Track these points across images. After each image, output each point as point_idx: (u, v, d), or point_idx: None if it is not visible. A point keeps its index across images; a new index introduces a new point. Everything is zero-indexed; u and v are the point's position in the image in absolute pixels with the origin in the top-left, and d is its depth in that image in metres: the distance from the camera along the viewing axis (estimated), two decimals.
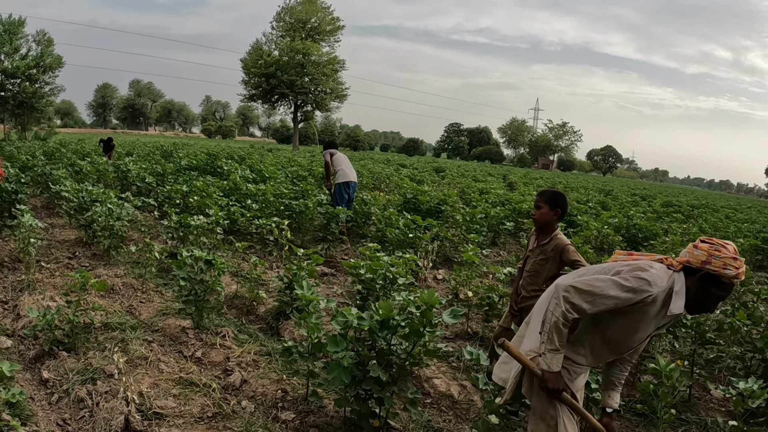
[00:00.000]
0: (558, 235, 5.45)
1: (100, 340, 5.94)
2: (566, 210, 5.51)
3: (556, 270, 5.50)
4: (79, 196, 10.62)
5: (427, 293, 4.30)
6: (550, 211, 5.35)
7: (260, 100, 76.09)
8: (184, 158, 23.55)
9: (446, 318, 4.37)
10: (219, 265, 6.40)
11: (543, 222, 5.43)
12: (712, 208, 34.14)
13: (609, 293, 3.32)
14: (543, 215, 5.38)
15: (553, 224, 5.44)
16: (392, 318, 4.31)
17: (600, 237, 13.77)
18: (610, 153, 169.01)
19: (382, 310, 4.31)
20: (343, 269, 10.14)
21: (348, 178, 12.41)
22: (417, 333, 4.31)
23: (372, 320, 4.34)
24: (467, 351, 4.54)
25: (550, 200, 5.37)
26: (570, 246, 5.39)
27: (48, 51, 48.74)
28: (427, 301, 4.29)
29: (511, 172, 59.59)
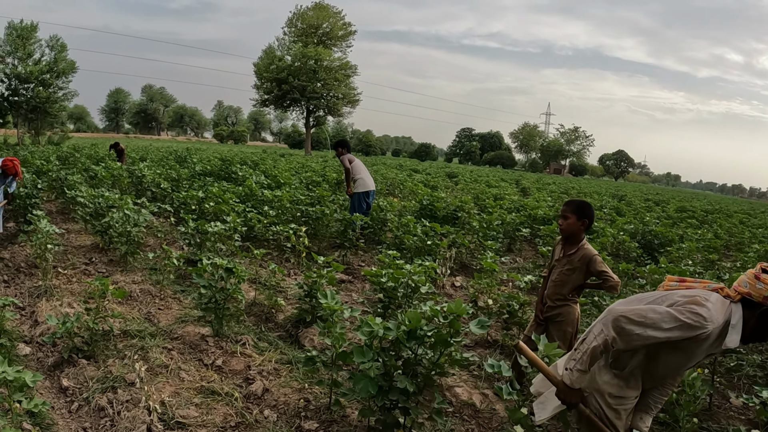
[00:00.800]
0: (585, 245, 5.42)
1: (119, 348, 5.89)
2: (593, 220, 5.46)
3: (583, 280, 5.47)
4: (95, 202, 10.60)
5: (454, 303, 4.26)
6: (577, 221, 5.32)
7: (273, 105, 76.22)
8: (198, 163, 23.55)
9: (473, 328, 4.29)
10: (240, 273, 6.33)
11: (570, 232, 5.41)
12: (725, 213, 33.95)
13: (662, 326, 3.21)
14: (570, 225, 5.37)
15: (580, 234, 5.41)
16: (420, 328, 4.24)
17: (616, 243, 13.63)
18: (622, 157, 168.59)
19: (411, 320, 4.24)
20: (360, 276, 10.07)
21: (368, 188, 12.38)
22: (445, 343, 4.24)
23: (399, 330, 4.27)
24: (488, 364, 4.44)
25: (577, 210, 5.34)
26: (597, 257, 5.35)
27: (61, 56, 49.13)
28: (454, 310, 4.24)
29: (523, 177, 59.38)
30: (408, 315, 4.24)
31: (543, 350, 4.35)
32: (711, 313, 3.18)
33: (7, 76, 47.28)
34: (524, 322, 7.13)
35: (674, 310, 3.22)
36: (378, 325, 4.37)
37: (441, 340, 4.24)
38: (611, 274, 5.26)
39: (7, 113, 48.59)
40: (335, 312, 4.95)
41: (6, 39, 47.41)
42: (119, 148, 23.63)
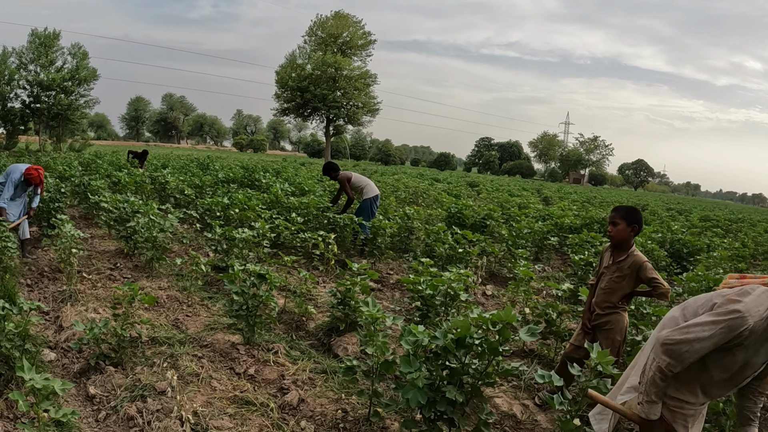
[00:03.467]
0: (635, 251, 5.36)
1: (147, 355, 5.69)
2: (642, 226, 5.36)
3: (632, 287, 5.40)
4: (119, 207, 10.45)
5: (504, 310, 4.07)
6: (627, 227, 5.26)
7: (293, 114, 76.16)
8: (221, 170, 23.45)
9: (523, 336, 4.09)
10: (272, 280, 6.13)
11: (620, 238, 5.33)
12: (749, 222, 33.55)
13: (704, 335, 3.14)
14: (620, 232, 5.29)
15: (629, 240, 5.34)
16: (470, 336, 4.03)
17: (644, 252, 13.34)
18: (642, 167, 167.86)
19: (459, 329, 4.03)
20: (389, 284, 9.90)
21: (376, 192, 12.24)
22: (494, 351, 4.06)
23: (446, 339, 4.06)
24: (539, 374, 4.23)
25: (627, 216, 5.27)
26: (647, 263, 5.26)
27: (83, 64, 49.37)
28: (504, 318, 4.06)
29: (544, 186, 59.15)
30: (456, 323, 4.06)
31: (596, 358, 4.21)
32: (747, 306, 3.10)
33: (30, 83, 47.48)
34: (562, 331, 6.90)
35: (711, 315, 3.17)
36: (422, 333, 4.21)
37: (491, 349, 4.04)
38: (662, 281, 5.18)
39: (29, 120, 48.78)
40: (377, 320, 4.72)
41: (29, 46, 47.69)
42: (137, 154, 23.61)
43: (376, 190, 12.30)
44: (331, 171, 12.46)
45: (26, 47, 47.73)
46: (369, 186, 12.17)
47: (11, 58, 47.03)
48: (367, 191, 12.06)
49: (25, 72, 47.68)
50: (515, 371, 4.26)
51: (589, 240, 12.01)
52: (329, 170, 12.53)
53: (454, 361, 4.18)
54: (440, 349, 4.13)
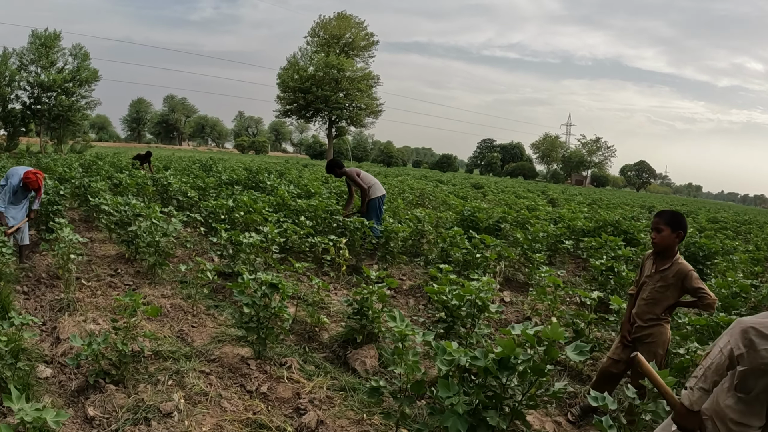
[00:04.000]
0: (679, 259, 5.05)
1: (151, 372, 5.24)
2: (686, 232, 5.08)
3: (677, 297, 5.08)
4: (120, 210, 10.03)
5: (551, 327, 3.66)
6: (671, 233, 4.99)
7: (295, 116, 75.85)
8: (224, 172, 23.04)
9: (571, 355, 3.70)
10: (285, 290, 5.68)
11: (664, 246, 5.05)
12: (757, 224, 33.30)
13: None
14: (664, 238, 5.01)
15: (674, 248, 5.07)
16: (515, 356, 3.60)
17: None
18: (644, 168, 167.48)
19: (503, 348, 3.60)
20: (402, 291, 9.47)
21: (383, 192, 11.73)
22: (540, 373, 3.65)
23: (488, 359, 3.63)
24: (592, 397, 3.81)
25: (672, 222, 5.01)
26: (693, 272, 4.98)
27: (84, 65, 49.01)
28: (551, 335, 3.65)
29: (548, 188, 58.84)
30: (500, 342, 3.63)
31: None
32: None
33: (30, 84, 47.10)
34: (591, 342, 6.48)
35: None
36: (458, 352, 3.77)
37: (537, 370, 3.62)
38: (708, 291, 4.85)
39: (30, 122, 48.41)
40: (406, 337, 4.28)
41: (29, 47, 47.30)
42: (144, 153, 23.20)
43: (382, 189, 11.79)
44: (336, 168, 11.86)
45: (27, 48, 47.32)
46: (376, 185, 11.63)
47: (12, 59, 46.62)
48: (373, 191, 11.54)
49: (25, 73, 47.27)
50: (563, 393, 3.85)
51: (608, 243, 11.56)
52: (333, 167, 11.92)
53: (495, 383, 3.77)
54: (480, 371, 3.71)
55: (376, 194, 11.52)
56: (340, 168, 11.85)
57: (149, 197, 14.95)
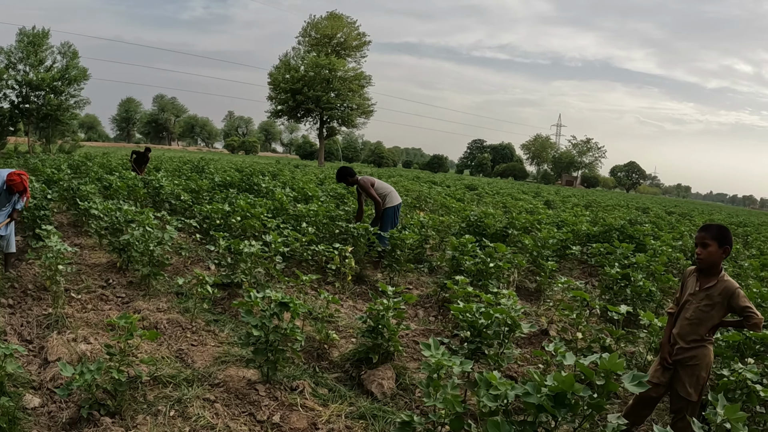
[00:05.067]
0: (725, 276, 4.71)
1: (150, 400, 4.72)
2: (732, 246, 4.77)
3: (722, 317, 4.75)
4: (111, 215, 9.51)
5: (609, 358, 3.32)
6: (718, 248, 4.67)
7: (286, 116, 75.37)
8: (217, 174, 22.53)
9: (629, 386, 3.32)
10: (297, 308, 5.19)
11: (710, 262, 4.72)
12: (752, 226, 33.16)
13: None
14: (711, 254, 4.69)
15: (719, 264, 4.73)
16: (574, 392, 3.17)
17: (669, 262, 12.53)
18: (634, 169, 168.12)
19: (559, 383, 3.17)
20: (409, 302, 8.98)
21: (399, 201, 11.13)
22: (598, 408, 3.31)
23: (541, 395, 3.19)
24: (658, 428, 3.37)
25: (719, 237, 4.69)
26: (740, 290, 4.64)
27: (73, 63, 48.42)
28: (609, 367, 3.31)
29: (541, 189, 58.67)
30: (556, 376, 3.19)
31: (724, 414, 3.39)
32: None
33: (18, 83, 46.44)
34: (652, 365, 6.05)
35: None
36: (504, 384, 3.35)
37: (596, 407, 3.26)
38: (755, 310, 4.56)
39: (18, 121, 47.78)
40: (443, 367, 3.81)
41: (17, 46, 46.64)
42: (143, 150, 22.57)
43: (398, 198, 11.20)
44: (348, 176, 11.19)
45: (15, 46, 46.67)
46: (392, 194, 11.03)
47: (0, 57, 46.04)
48: (390, 199, 10.95)
49: (13, 71, 46.61)
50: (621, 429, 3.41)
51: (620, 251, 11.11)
52: (345, 176, 11.22)
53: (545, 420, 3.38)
54: (531, 407, 3.27)
55: (392, 203, 10.94)
56: (351, 176, 11.21)
57: (141, 201, 14.43)
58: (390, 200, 10.91)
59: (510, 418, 3.40)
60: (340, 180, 11.29)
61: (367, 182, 10.95)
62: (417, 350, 6.61)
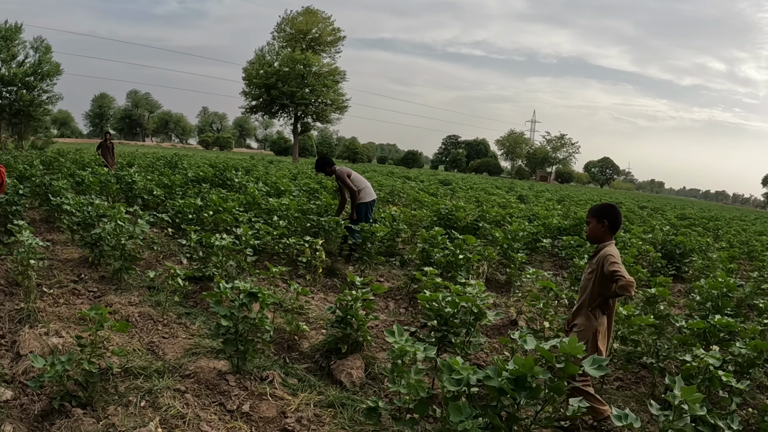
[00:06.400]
0: (605, 245, 5.22)
1: (121, 391, 4.77)
2: (615, 220, 5.28)
3: (600, 284, 5.09)
4: (83, 210, 9.52)
5: (569, 341, 3.42)
6: (597, 223, 5.28)
7: (261, 112, 75.16)
8: (190, 169, 22.48)
9: (590, 370, 3.44)
10: (266, 299, 5.27)
11: (593, 236, 5.36)
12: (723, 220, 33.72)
13: None
14: (592, 229, 5.34)
15: (603, 237, 5.28)
16: (533, 375, 3.29)
17: (639, 255, 12.75)
18: (608, 165, 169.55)
19: (519, 366, 3.28)
20: (382, 294, 9.07)
21: (373, 197, 11.26)
22: (559, 391, 3.42)
23: (502, 378, 3.29)
24: (615, 415, 3.48)
25: (597, 213, 5.32)
26: (611, 255, 5.02)
27: (46, 58, 47.89)
28: (569, 351, 3.40)
29: (515, 184, 59.02)
30: (516, 360, 3.31)
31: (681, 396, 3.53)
32: None
33: None
34: None
35: None
36: (466, 369, 3.46)
37: (556, 389, 3.39)
38: (623, 272, 4.83)
39: None
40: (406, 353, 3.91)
41: None
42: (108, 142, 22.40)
43: (373, 194, 11.31)
44: (326, 166, 11.27)
45: None
46: (367, 189, 11.12)
47: None
48: (364, 195, 11.03)
49: None
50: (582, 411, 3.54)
51: None
52: (323, 165, 11.32)
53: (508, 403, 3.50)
54: (493, 391, 3.37)
55: (365, 199, 11.03)
56: (329, 166, 11.30)
57: (113, 196, 14.40)
58: (364, 195, 10.99)
59: (473, 403, 3.50)
60: (319, 169, 11.37)
61: (344, 173, 11.05)
62: (387, 341, 6.70)
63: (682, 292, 12.08)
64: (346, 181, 10.96)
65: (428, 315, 5.71)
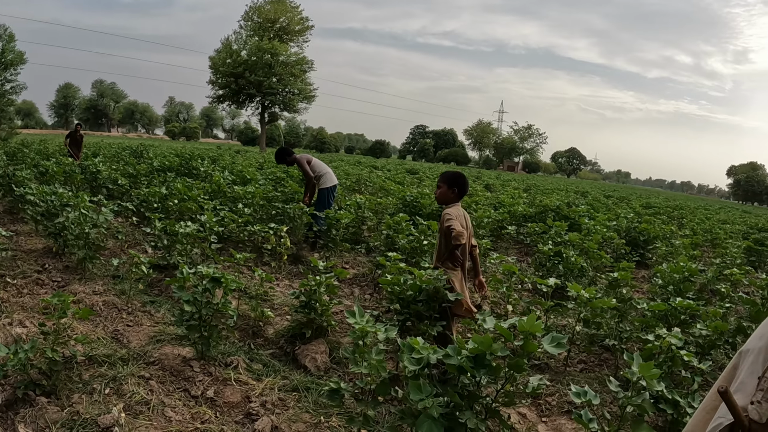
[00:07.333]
0: (449, 207, 5.84)
1: (85, 379, 4.75)
2: (464, 188, 5.93)
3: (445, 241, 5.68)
4: (47, 200, 9.44)
5: (527, 319, 3.47)
6: (448, 189, 5.88)
7: (228, 101, 74.57)
8: (156, 159, 22.29)
9: (549, 348, 3.45)
10: (229, 284, 5.29)
11: (442, 199, 5.97)
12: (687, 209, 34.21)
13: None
14: (442, 193, 5.94)
15: (451, 200, 5.90)
16: (491, 353, 3.37)
17: (603, 241, 12.91)
18: (574, 155, 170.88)
19: (478, 344, 3.35)
20: (346, 280, 9.14)
21: (334, 182, 11.30)
22: (518, 369, 3.47)
23: (461, 357, 3.37)
24: (574, 392, 3.58)
25: (449, 180, 5.92)
26: (447, 213, 5.66)
27: (9, 47, 47.06)
28: (528, 328, 3.45)
29: (482, 174, 59.36)
30: (476, 338, 3.40)
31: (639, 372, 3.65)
32: None
33: None
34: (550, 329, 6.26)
35: None
36: (426, 349, 3.54)
37: (515, 366, 3.44)
38: (454, 225, 5.48)
39: None
40: (368, 334, 3.96)
41: None
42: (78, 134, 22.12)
43: (334, 179, 11.36)
44: (286, 156, 11.34)
45: None
46: (328, 174, 11.17)
47: None
48: (324, 180, 11.09)
49: None
50: (540, 389, 3.62)
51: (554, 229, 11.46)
52: (283, 155, 11.38)
53: (468, 382, 3.56)
54: (453, 369, 3.44)
55: (326, 184, 11.09)
56: (289, 155, 11.35)
57: (77, 186, 14.28)
58: (325, 181, 11.05)
59: (433, 382, 3.56)
60: (280, 161, 11.43)
61: (303, 159, 11.11)
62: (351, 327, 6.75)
63: (645, 278, 12.26)
64: (304, 167, 11.04)
65: (391, 299, 5.78)
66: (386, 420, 4.51)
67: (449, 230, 5.44)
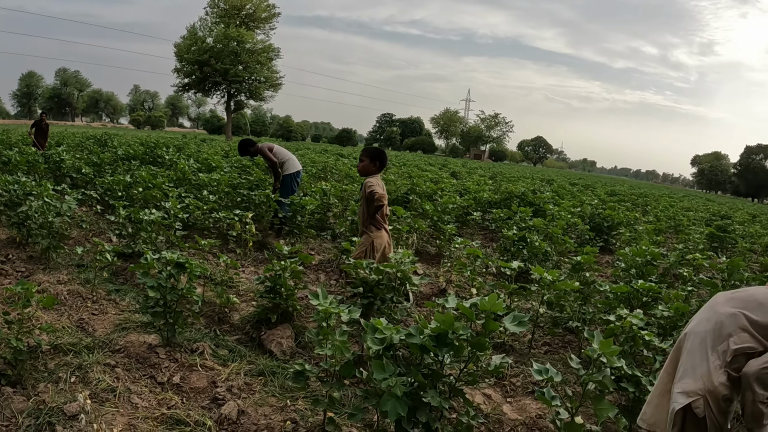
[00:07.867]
0: (368, 178, 6.83)
1: (51, 368, 4.72)
2: (384, 162, 6.97)
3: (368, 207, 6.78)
4: (10, 190, 9.34)
5: (488, 298, 3.55)
6: (370, 162, 6.90)
7: (193, 89, 73.84)
8: (120, 147, 22.08)
9: (510, 326, 3.56)
10: (193, 269, 5.30)
11: (364, 171, 6.97)
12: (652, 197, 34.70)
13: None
14: (365, 166, 6.95)
15: (371, 172, 6.89)
16: (453, 331, 3.44)
17: (568, 226, 13.07)
18: (541, 144, 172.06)
19: (440, 323, 3.42)
20: (312, 266, 9.18)
21: (298, 168, 11.33)
22: (480, 347, 3.53)
23: (424, 336, 3.44)
24: (536, 370, 3.65)
25: (371, 155, 6.96)
26: (369, 181, 6.73)
27: None
28: (489, 308, 3.55)
29: (449, 162, 59.53)
30: (437, 317, 3.47)
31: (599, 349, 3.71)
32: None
33: None
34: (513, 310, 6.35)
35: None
36: (389, 329, 3.60)
37: (476, 345, 3.51)
38: (376, 189, 6.65)
39: None
40: (331, 315, 4.01)
41: None
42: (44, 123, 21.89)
43: (298, 165, 11.39)
44: (248, 147, 11.34)
45: None
46: (291, 161, 11.20)
47: None
48: (288, 166, 11.11)
49: None
50: (504, 367, 3.70)
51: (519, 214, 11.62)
52: (246, 147, 11.38)
53: (431, 361, 3.63)
54: (415, 348, 3.49)
55: (290, 170, 11.10)
56: (252, 146, 11.35)
57: (41, 175, 14.12)
58: (288, 167, 11.07)
59: (397, 362, 3.61)
60: (243, 153, 11.42)
61: (265, 147, 11.18)
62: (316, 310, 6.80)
63: (609, 263, 12.43)
64: (267, 155, 11.11)
65: (355, 283, 5.83)
66: (352, 402, 4.56)
67: (372, 194, 6.51)
